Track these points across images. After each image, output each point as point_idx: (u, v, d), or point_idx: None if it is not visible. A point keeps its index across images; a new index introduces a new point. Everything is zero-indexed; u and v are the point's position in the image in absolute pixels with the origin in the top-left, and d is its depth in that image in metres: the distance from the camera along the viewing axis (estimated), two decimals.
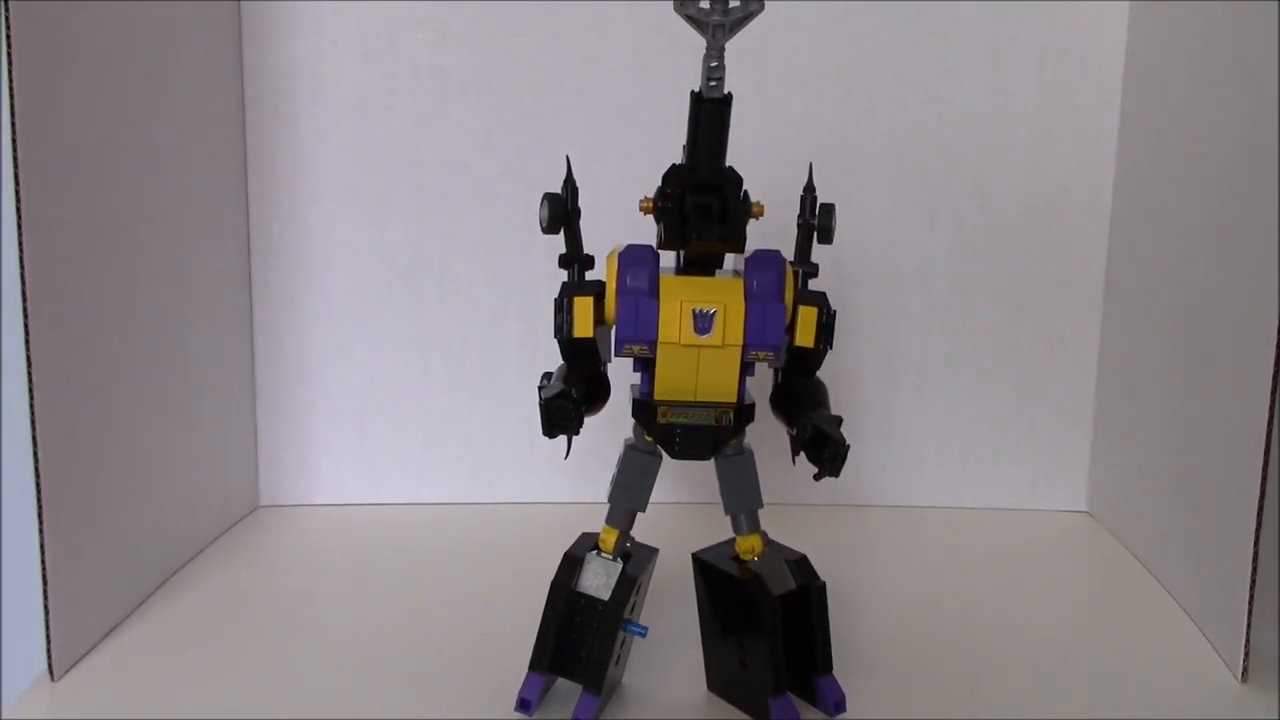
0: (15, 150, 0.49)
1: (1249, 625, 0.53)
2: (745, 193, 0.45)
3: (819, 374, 0.49)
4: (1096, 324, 0.76)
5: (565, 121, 0.74)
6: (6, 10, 0.48)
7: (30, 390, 0.50)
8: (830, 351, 0.48)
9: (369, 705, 0.51)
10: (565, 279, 0.48)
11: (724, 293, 0.46)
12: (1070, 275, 0.76)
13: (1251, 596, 0.53)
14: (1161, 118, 0.68)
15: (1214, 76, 0.60)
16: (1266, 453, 0.52)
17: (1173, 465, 0.64)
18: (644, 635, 0.50)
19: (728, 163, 0.45)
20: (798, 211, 0.50)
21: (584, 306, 0.47)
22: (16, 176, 0.49)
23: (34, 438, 0.51)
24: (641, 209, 0.46)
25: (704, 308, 0.45)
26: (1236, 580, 0.54)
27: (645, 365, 0.48)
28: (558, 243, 0.48)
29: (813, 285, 0.49)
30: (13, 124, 0.48)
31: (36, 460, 0.51)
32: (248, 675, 0.54)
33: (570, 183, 0.48)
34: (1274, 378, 0.51)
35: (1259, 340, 0.52)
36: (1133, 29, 0.72)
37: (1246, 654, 0.54)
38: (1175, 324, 0.64)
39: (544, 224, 0.47)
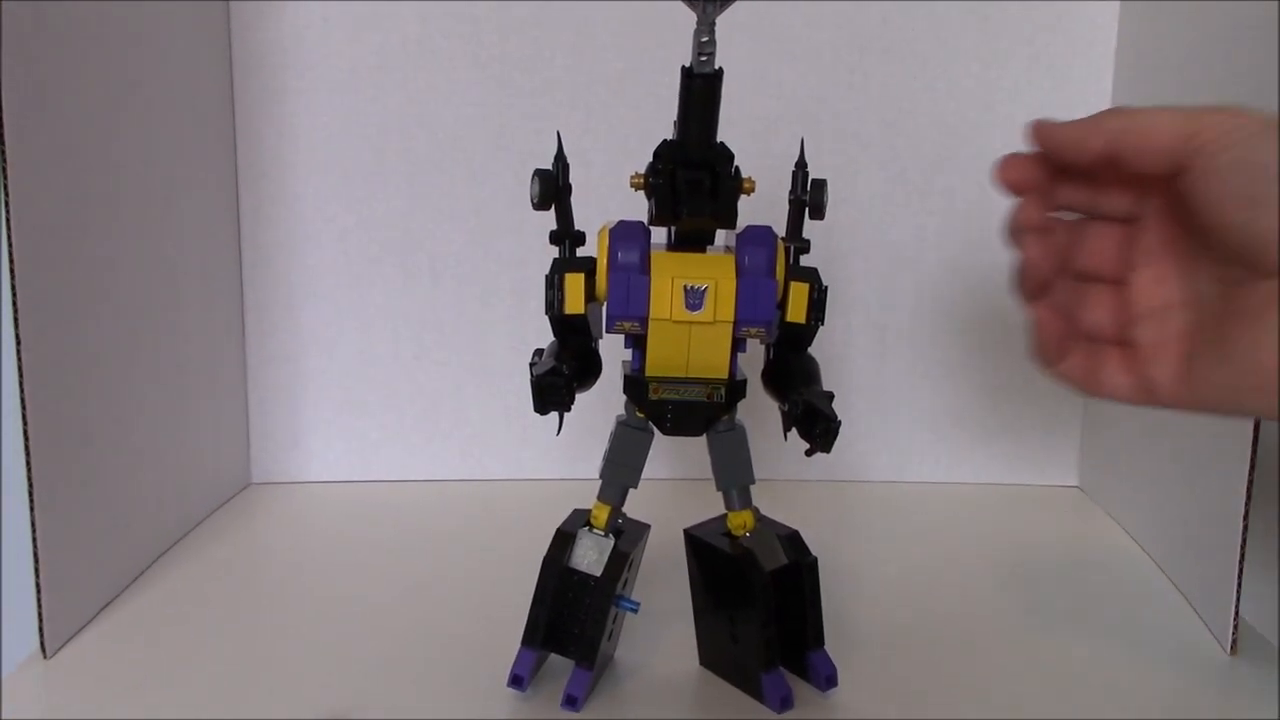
0: (1, 130, 0.48)
1: (1238, 599, 0.54)
2: (736, 168, 0.45)
3: (810, 350, 0.49)
4: None
5: (556, 97, 0.74)
6: None
7: (20, 370, 0.50)
8: (822, 327, 0.48)
9: (360, 682, 0.51)
10: (556, 255, 0.48)
11: (715, 269, 0.46)
12: None
13: (1240, 571, 0.54)
14: (1154, 90, 0.67)
15: (1207, 49, 0.60)
16: (1256, 429, 0.53)
17: (1163, 441, 0.64)
18: (636, 611, 0.50)
19: (719, 138, 0.45)
20: (789, 187, 0.49)
21: (575, 283, 0.47)
22: (3, 155, 0.48)
23: (25, 418, 0.51)
24: (632, 185, 0.46)
25: (695, 284, 0.45)
26: (1226, 555, 0.54)
27: (637, 342, 0.48)
28: (549, 219, 0.48)
29: (804, 261, 0.49)
30: None
31: (28, 440, 0.51)
32: (239, 652, 0.54)
33: (561, 159, 0.48)
34: None
35: None
36: (1126, 2, 0.72)
37: (1235, 627, 0.54)
38: None
39: (535, 200, 0.47)
